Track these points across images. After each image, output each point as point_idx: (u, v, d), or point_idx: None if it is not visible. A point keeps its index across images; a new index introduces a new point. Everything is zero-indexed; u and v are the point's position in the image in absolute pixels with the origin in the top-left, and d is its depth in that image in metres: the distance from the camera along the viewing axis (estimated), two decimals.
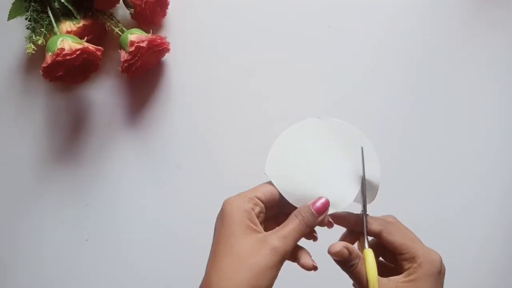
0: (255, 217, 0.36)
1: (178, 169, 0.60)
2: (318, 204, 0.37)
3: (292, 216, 0.36)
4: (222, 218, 0.36)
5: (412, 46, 0.61)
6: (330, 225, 0.38)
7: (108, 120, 0.62)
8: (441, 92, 0.60)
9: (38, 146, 0.62)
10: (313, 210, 0.36)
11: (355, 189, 0.38)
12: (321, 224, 0.38)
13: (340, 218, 0.38)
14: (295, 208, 0.37)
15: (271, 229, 0.38)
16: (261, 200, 0.37)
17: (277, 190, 0.38)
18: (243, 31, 0.63)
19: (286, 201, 0.38)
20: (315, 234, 0.38)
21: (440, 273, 0.36)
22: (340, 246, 0.35)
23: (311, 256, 0.37)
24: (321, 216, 0.37)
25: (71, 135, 0.62)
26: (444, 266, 0.36)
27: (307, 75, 0.61)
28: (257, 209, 0.36)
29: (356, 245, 0.40)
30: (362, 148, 0.37)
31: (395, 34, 0.62)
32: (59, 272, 0.60)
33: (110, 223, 0.60)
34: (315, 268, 0.36)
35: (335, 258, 0.35)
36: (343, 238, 0.40)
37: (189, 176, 0.60)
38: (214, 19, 0.63)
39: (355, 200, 0.38)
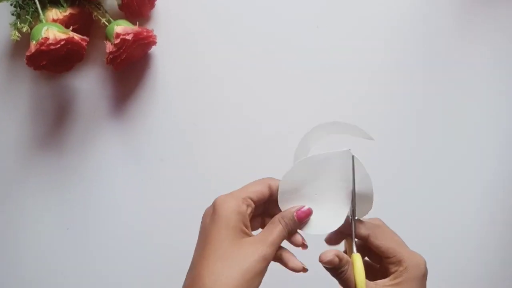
0: (248, 220, 0.37)
1: (161, 162, 0.61)
2: (300, 212, 0.38)
3: (276, 221, 0.38)
4: (215, 219, 0.36)
5: (402, 45, 0.61)
6: (304, 247, 0.39)
7: (92, 111, 0.62)
8: (432, 91, 0.61)
9: (20, 134, 0.62)
10: (295, 216, 0.38)
11: (346, 210, 0.39)
12: (296, 243, 0.39)
13: None
14: (278, 209, 0.39)
15: (254, 227, 0.39)
16: (252, 200, 0.38)
17: (267, 190, 0.39)
18: (231, 27, 0.63)
19: (271, 203, 0.39)
20: (305, 243, 0.39)
21: (424, 276, 0.37)
22: (331, 254, 0.36)
23: (296, 258, 0.38)
24: (302, 223, 0.38)
25: (54, 123, 0.62)
26: (427, 268, 0.38)
27: (295, 74, 0.61)
28: (249, 210, 0.37)
29: (343, 243, 0.41)
30: (353, 156, 0.38)
31: (383, 34, 0.62)
32: (39, 260, 0.61)
33: (92, 213, 0.61)
34: (305, 270, 0.38)
35: (325, 266, 0.37)
36: (329, 238, 0.41)
37: (172, 169, 0.61)
38: (203, 13, 0.63)
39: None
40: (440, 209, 0.59)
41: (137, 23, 0.58)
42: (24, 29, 0.56)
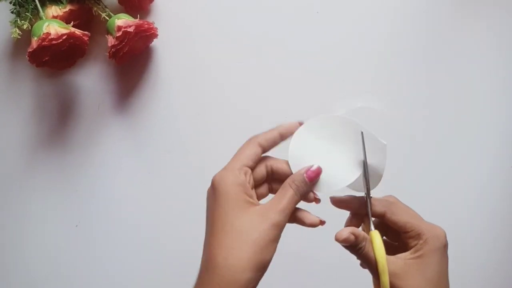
0: (250, 188, 0.36)
1: (167, 154, 0.61)
2: (310, 172, 0.37)
3: (286, 186, 0.37)
4: (216, 196, 0.35)
5: (401, 31, 0.61)
6: (317, 201, 0.39)
7: (97, 106, 0.62)
8: (435, 77, 0.61)
9: (26, 133, 0.62)
10: (306, 178, 0.37)
11: (355, 174, 0.38)
12: (308, 200, 0.38)
13: (344, 202, 0.39)
14: (286, 174, 0.38)
15: (261, 193, 0.39)
16: (249, 166, 0.37)
17: (259, 149, 0.38)
18: (231, 17, 0.63)
19: (279, 169, 0.39)
20: (317, 197, 0.38)
21: (445, 247, 0.37)
22: (346, 232, 0.36)
23: (311, 213, 0.38)
24: (313, 183, 0.37)
25: (59, 121, 0.62)
26: (447, 239, 0.37)
27: (295, 61, 0.61)
28: (249, 177, 0.37)
29: (361, 227, 0.40)
30: (362, 132, 0.38)
31: (383, 19, 0.62)
32: (49, 258, 0.60)
33: (100, 208, 0.61)
34: (322, 222, 0.37)
35: (343, 244, 0.36)
36: (349, 222, 0.40)
37: (178, 161, 0.60)
38: (202, 4, 0.63)
39: (356, 189, 0.39)
40: (445, 199, 0.59)
41: (138, 16, 0.58)
42: (25, 26, 0.56)
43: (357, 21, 0.62)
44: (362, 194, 0.39)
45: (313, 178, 0.37)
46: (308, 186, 0.37)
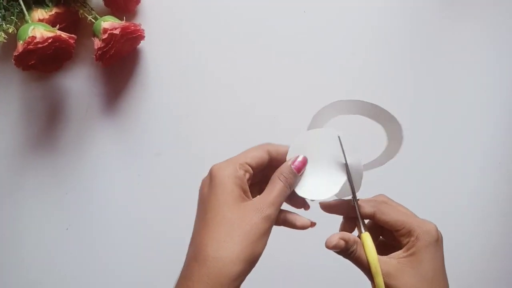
0: (246, 184, 0.36)
1: (157, 157, 0.61)
2: (297, 162, 0.37)
3: (275, 178, 0.36)
4: (212, 186, 0.35)
5: (388, 30, 0.62)
6: (306, 208, 0.39)
7: (85, 109, 0.62)
8: (423, 71, 0.61)
9: (14, 136, 0.62)
10: (293, 169, 0.37)
11: (340, 183, 0.39)
12: (298, 206, 0.39)
13: (333, 207, 0.39)
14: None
15: (254, 195, 0.38)
16: (251, 166, 0.37)
17: (266, 155, 0.38)
18: (219, 18, 0.63)
19: (271, 170, 0.39)
20: (307, 203, 0.39)
21: (437, 241, 0.36)
22: (336, 238, 0.36)
23: (301, 216, 0.38)
24: (301, 173, 0.38)
25: (47, 124, 0.62)
26: (440, 233, 0.37)
27: (284, 61, 0.62)
28: (247, 175, 0.37)
29: (356, 230, 0.40)
30: (339, 137, 0.38)
31: (371, 16, 0.62)
32: (40, 262, 0.60)
33: (90, 211, 0.61)
34: (313, 224, 0.38)
35: (334, 250, 0.36)
36: (342, 226, 0.40)
37: (168, 163, 0.60)
38: (189, 5, 0.63)
39: (345, 195, 0.39)
40: (435, 196, 0.59)
41: (124, 18, 0.58)
42: (10, 30, 0.55)
43: (344, 20, 0.62)
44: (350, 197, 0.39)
45: (300, 168, 0.37)
46: (296, 177, 0.37)
